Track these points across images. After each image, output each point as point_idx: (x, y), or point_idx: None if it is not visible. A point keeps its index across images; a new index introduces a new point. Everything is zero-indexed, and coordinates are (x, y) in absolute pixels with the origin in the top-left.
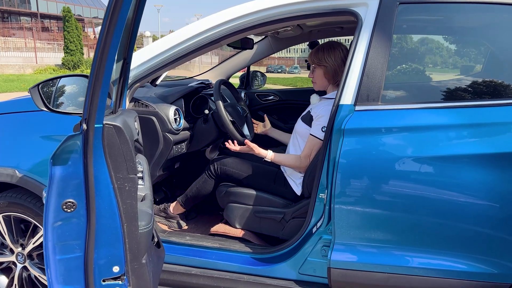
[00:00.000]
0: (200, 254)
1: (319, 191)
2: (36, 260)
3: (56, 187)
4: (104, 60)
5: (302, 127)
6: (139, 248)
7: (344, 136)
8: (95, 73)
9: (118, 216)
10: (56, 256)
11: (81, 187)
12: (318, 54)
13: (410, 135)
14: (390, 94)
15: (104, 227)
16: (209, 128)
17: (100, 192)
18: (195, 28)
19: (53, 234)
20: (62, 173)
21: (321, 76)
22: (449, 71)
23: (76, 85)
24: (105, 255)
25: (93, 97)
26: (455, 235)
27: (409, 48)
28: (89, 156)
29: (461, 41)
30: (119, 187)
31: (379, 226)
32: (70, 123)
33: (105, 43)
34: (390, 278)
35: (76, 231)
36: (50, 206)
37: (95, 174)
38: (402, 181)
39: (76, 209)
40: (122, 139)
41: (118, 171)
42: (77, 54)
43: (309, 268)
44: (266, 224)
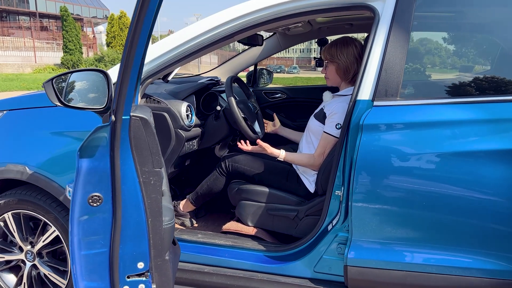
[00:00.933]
0: (212, 252)
1: (335, 188)
2: (46, 258)
3: (83, 180)
4: (133, 52)
5: (316, 125)
6: (162, 244)
7: (362, 132)
8: (124, 64)
9: (143, 211)
10: (81, 251)
11: (108, 180)
12: (331, 50)
13: (429, 131)
14: (409, 89)
15: (130, 222)
16: (220, 125)
17: (126, 186)
18: (208, 23)
19: (79, 228)
20: (89, 166)
21: (334, 72)
22: (469, 65)
23: (90, 80)
24: (130, 251)
25: (121, 88)
26: (475, 233)
27: (428, 42)
28: (116, 149)
29: (481, 35)
30: (144, 181)
31: (398, 223)
32: (81, 118)
33: (135, 34)
34: (408, 276)
35: (102, 226)
36: (76, 200)
37: (121, 167)
38: (421, 178)
39: (102, 203)
40: (149, 132)
41: (144, 165)
42: (76, 53)
43: (325, 266)
44: (279, 222)
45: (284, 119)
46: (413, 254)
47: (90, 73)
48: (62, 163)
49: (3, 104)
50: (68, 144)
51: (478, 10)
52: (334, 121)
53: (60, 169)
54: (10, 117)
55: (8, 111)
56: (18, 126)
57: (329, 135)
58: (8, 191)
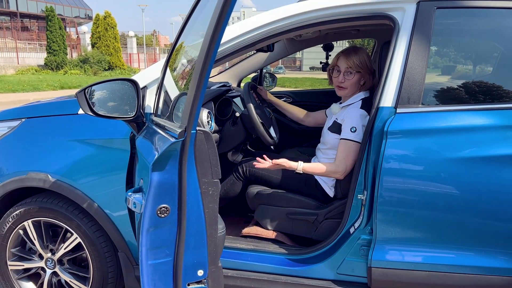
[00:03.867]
0: (235, 256)
1: (357, 192)
2: (67, 265)
3: (153, 192)
4: (205, 73)
5: (333, 137)
6: (217, 251)
7: (387, 138)
8: (197, 85)
9: (204, 220)
10: (148, 261)
11: (174, 192)
12: (361, 58)
13: (452, 137)
14: (430, 96)
15: (192, 232)
16: (238, 131)
17: (190, 197)
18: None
19: (147, 239)
20: (159, 178)
21: (356, 82)
22: (488, 73)
23: (118, 89)
24: (192, 259)
25: (193, 107)
26: (498, 234)
27: (448, 51)
28: (184, 162)
29: (498, 44)
30: (204, 192)
31: (422, 225)
32: (103, 126)
33: (207, 56)
34: (431, 277)
35: (168, 236)
36: (146, 212)
37: (187, 179)
38: (444, 182)
39: (169, 215)
40: (210, 144)
41: (204, 176)
42: (61, 54)
43: (348, 268)
44: (298, 226)
45: (289, 122)
46: (436, 255)
47: (119, 82)
48: (84, 171)
49: (21, 112)
50: (90, 151)
51: (494, 20)
52: (347, 126)
53: (82, 177)
54: (29, 125)
55: (27, 119)
56: (38, 134)
57: (346, 140)
58: (28, 199)
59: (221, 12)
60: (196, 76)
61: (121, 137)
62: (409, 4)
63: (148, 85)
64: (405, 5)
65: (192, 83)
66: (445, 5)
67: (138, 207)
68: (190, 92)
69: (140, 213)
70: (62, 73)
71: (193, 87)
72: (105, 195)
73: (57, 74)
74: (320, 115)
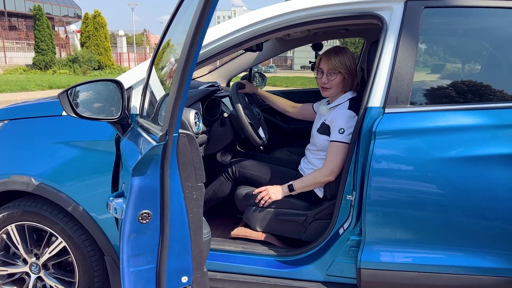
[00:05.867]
0: (223, 258)
1: (345, 193)
2: (52, 270)
3: (134, 198)
4: (186, 75)
5: (324, 139)
6: (201, 257)
7: (375, 139)
8: (178, 87)
9: (187, 225)
10: (130, 268)
11: (156, 197)
12: (342, 59)
13: (441, 137)
14: (419, 96)
15: (175, 237)
16: (226, 131)
17: (172, 202)
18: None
19: (128, 246)
20: (140, 183)
21: (340, 82)
22: (476, 73)
23: (103, 90)
24: (175, 265)
25: (174, 109)
26: (487, 233)
27: (436, 50)
28: (166, 166)
29: (486, 43)
30: (187, 196)
31: (411, 226)
32: (87, 128)
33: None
34: (420, 277)
35: (150, 243)
36: (127, 218)
37: (169, 183)
38: (434, 182)
39: (151, 220)
40: (193, 147)
41: (188, 180)
42: (49, 53)
43: (337, 269)
44: (287, 227)
45: (279, 122)
46: (425, 256)
47: (103, 83)
48: (68, 173)
49: (3, 114)
50: (74, 154)
51: (481, 20)
52: (336, 128)
53: (67, 180)
54: (12, 127)
55: (9, 121)
56: (21, 136)
57: (335, 142)
58: (11, 203)
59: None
60: (177, 78)
61: (106, 139)
62: (397, 3)
63: (133, 85)
64: (392, 4)
65: (174, 85)
66: (433, 4)
67: (119, 213)
68: (172, 94)
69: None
70: (51, 72)
71: (174, 89)
72: (90, 198)
73: (45, 73)
74: (307, 108)
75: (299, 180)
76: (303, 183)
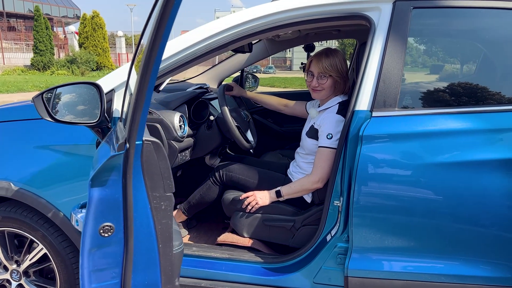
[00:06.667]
0: (209, 265)
1: (333, 198)
2: (33, 277)
3: (94, 210)
4: (149, 76)
5: (313, 143)
6: (172, 270)
7: (362, 143)
8: (139, 88)
9: (155, 238)
10: (91, 284)
11: (119, 209)
12: (333, 61)
13: (429, 141)
14: (407, 99)
15: (141, 251)
16: (213, 134)
17: (137, 213)
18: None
19: (89, 261)
20: (100, 195)
21: (332, 85)
22: (467, 75)
23: (80, 93)
24: (142, 280)
25: (135, 115)
26: (478, 241)
27: (425, 52)
28: (129, 176)
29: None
30: (155, 207)
31: (399, 233)
32: (68, 132)
33: (150, 58)
34: (410, 286)
35: (113, 257)
36: (87, 232)
37: (133, 194)
38: (422, 187)
39: (113, 233)
40: (160, 156)
41: (155, 190)
42: (47, 54)
43: (324, 277)
44: (275, 233)
45: (271, 124)
46: (415, 264)
47: (81, 86)
48: (49, 179)
49: None
50: (55, 158)
51: (472, 20)
52: (324, 133)
53: (47, 185)
54: None
55: None
56: (0, 139)
57: (323, 148)
58: None
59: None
60: (138, 80)
61: (87, 143)
62: (385, 4)
63: (116, 88)
64: (381, 5)
65: (135, 87)
66: (421, 5)
67: (81, 226)
68: (132, 98)
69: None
70: (49, 73)
71: (136, 92)
72: (71, 203)
73: (43, 74)
74: (299, 107)
75: (287, 186)
76: (291, 189)
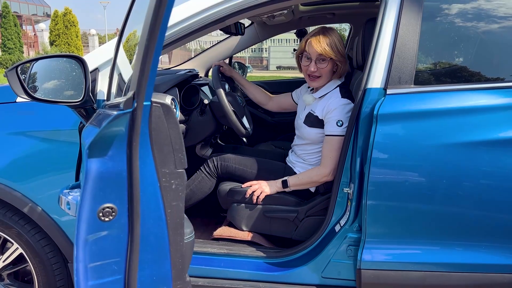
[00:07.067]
0: (206, 262)
1: (342, 185)
2: (7, 281)
3: (92, 187)
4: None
5: (314, 133)
6: (183, 263)
7: (377, 123)
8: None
9: (165, 223)
10: (88, 281)
11: (123, 187)
12: (333, 43)
13: (451, 120)
14: (425, 75)
15: (149, 239)
16: (207, 120)
17: (145, 192)
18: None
19: (85, 252)
20: (100, 168)
21: (331, 70)
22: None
23: (62, 68)
24: (150, 275)
25: (145, 64)
26: (501, 228)
27: (443, 23)
28: (135, 145)
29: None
30: (164, 186)
31: (417, 220)
32: (48, 116)
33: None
34: (428, 277)
35: (115, 247)
36: (82, 215)
37: (140, 169)
38: (444, 171)
39: (116, 217)
40: (171, 122)
41: (164, 165)
42: (16, 52)
43: (334, 270)
44: (277, 225)
45: (262, 115)
46: (433, 253)
47: (63, 60)
48: (24, 169)
49: None
50: (31, 146)
51: None
52: (333, 119)
53: (22, 176)
54: None
55: None
56: None
57: (333, 136)
58: None
59: None
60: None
61: (68, 128)
62: None
63: (100, 67)
64: None
65: (143, 32)
66: None
67: (74, 209)
68: (140, 46)
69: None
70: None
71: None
72: (50, 197)
73: None
74: (284, 100)
75: (294, 177)
76: (299, 180)
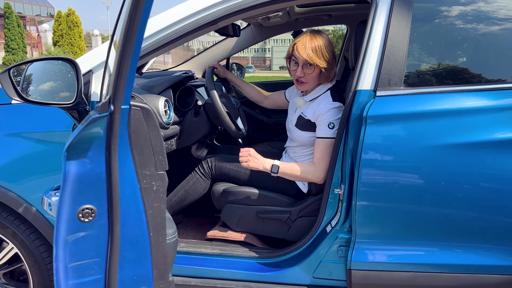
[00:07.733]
0: (198, 262)
1: (333, 186)
2: (2, 280)
3: (71, 189)
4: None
5: (308, 136)
6: (165, 263)
7: (366, 125)
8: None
9: (146, 224)
10: (68, 281)
11: (102, 188)
12: (317, 48)
13: (440, 121)
14: (414, 77)
15: (130, 239)
16: (201, 122)
17: (124, 194)
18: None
19: (65, 252)
20: (79, 170)
21: (317, 74)
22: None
23: (55, 71)
24: (130, 274)
25: (121, 68)
26: (490, 229)
27: (433, 25)
28: (113, 147)
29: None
30: (145, 187)
31: (407, 221)
32: (43, 118)
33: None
34: (418, 277)
35: (95, 247)
36: (62, 216)
37: (119, 171)
38: (432, 171)
39: (95, 218)
40: (151, 125)
41: (145, 167)
42: (20, 53)
43: (325, 271)
44: (270, 225)
45: (259, 115)
46: (423, 254)
47: (55, 62)
48: (19, 170)
49: None
50: (26, 147)
51: None
52: (324, 122)
53: (17, 177)
54: None
55: None
56: None
57: (324, 139)
58: None
59: None
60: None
61: (62, 129)
62: None
63: (94, 68)
64: None
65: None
66: None
67: (55, 210)
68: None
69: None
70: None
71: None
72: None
73: None
74: (278, 97)
75: (287, 166)
76: (291, 171)
